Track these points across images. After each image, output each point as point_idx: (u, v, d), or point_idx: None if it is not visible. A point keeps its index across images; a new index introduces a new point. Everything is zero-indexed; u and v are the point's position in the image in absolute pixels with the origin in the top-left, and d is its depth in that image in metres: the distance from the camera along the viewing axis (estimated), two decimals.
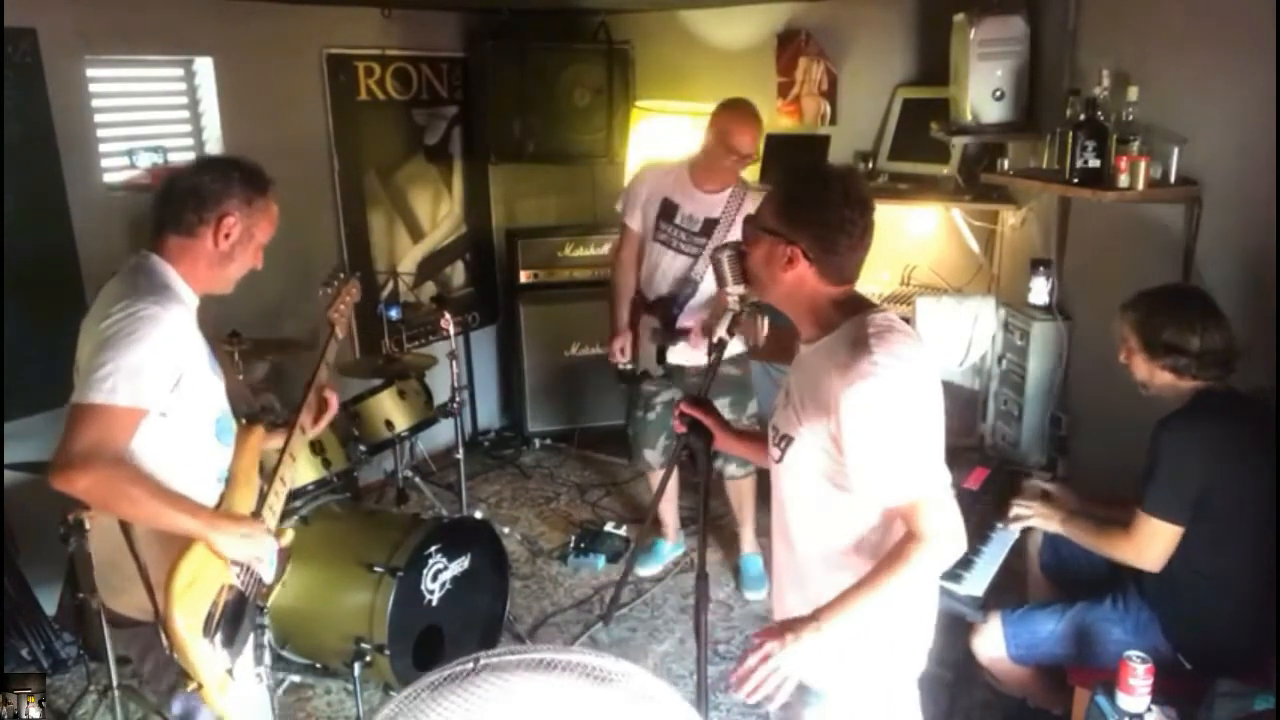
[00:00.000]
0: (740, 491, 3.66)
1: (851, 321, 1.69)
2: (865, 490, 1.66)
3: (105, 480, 1.68)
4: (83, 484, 1.67)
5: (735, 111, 3.31)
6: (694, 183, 3.38)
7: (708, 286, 3.31)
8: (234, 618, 1.90)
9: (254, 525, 1.93)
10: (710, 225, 3.36)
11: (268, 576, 1.99)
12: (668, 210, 3.42)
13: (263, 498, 2.03)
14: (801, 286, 1.71)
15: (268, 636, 2.01)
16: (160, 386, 1.77)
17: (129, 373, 1.71)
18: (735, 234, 3.24)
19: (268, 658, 1.98)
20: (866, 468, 1.63)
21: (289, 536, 2.10)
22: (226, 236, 1.89)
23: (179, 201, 1.89)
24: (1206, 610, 2.31)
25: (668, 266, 3.42)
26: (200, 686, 1.82)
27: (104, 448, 1.68)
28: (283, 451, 2.10)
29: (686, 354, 3.35)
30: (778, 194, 1.77)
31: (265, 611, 2.00)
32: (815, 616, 1.65)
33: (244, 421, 2.11)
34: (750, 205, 3.26)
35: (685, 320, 3.35)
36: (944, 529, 1.63)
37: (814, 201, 1.71)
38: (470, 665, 1.27)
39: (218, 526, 1.84)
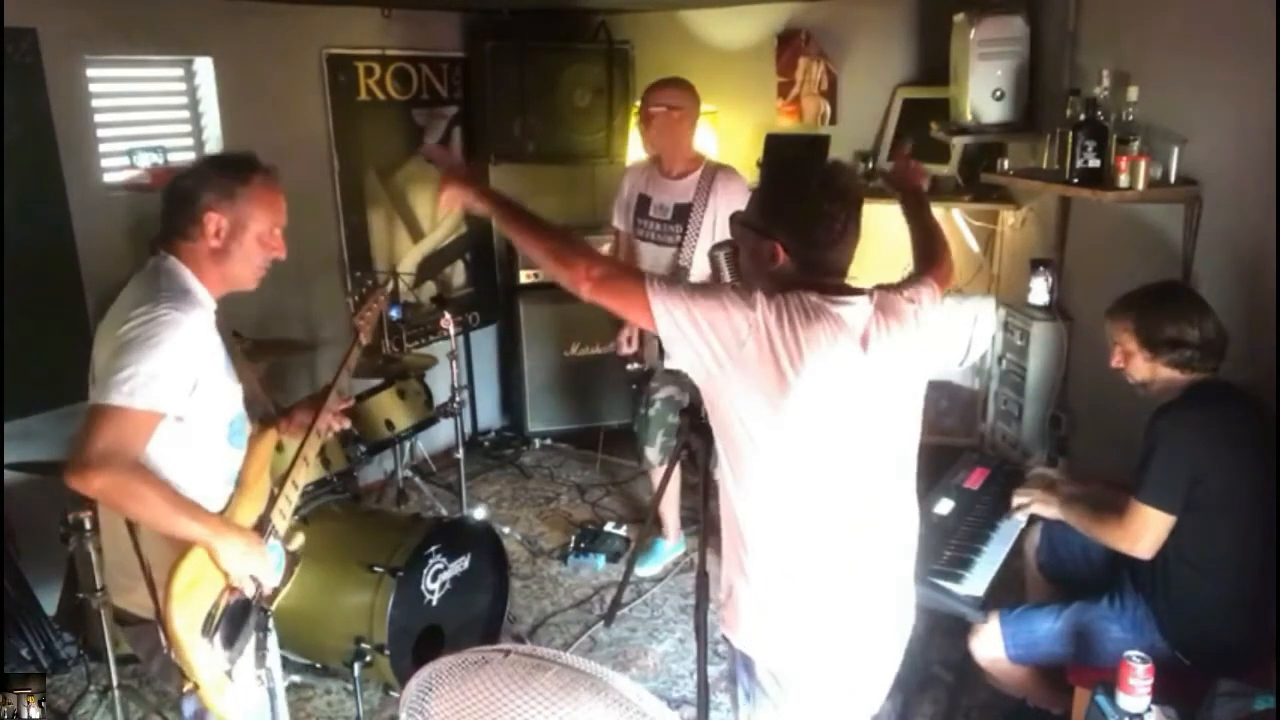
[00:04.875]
0: None
1: None
2: None
3: (120, 482, 1.69)
4: (97, 484, 1.68)
5: (649, 87, 3.51)
6: (661, 172, 3.47)
7: (698, 275, 3.36)
8: (235, 619, 1.89)
9: (258, 543, 1.93)
10: (683, 211, 3.40)
11: (273, 581, 1.99)
12: (643, 205, 3.52)
13: (273, 500, 2.02)
14: (789, 280, 1.69)
15: (271, 639, 2.00)
16: (178, 391, 1.78)
17: (147, 377, 1.72)
18: (711, 215, 3.32)
19: (270, 660, 1.97)
20: None
21: (299, 541, 2.09)
22: (217, 234, 1.88)
23: (172, 208, 1.89)
24: (1197, 601, 2.32)
25: (652, 261, 3.49)
26: (197, 686, 1.82)
27: (121, 450, 1.69)
28: (296, 455, 2.09)
29: None
30: (758, 190, 1.78)
31: (269, 614, 1.98)
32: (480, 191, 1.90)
33: (258, 424, 2.10)
34: (722, 184, 3.33)
35: None
36: None
37: (791, 196, 1.70)
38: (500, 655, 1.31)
39: (223, 536, 1.84)
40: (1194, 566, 2.31)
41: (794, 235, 1.67)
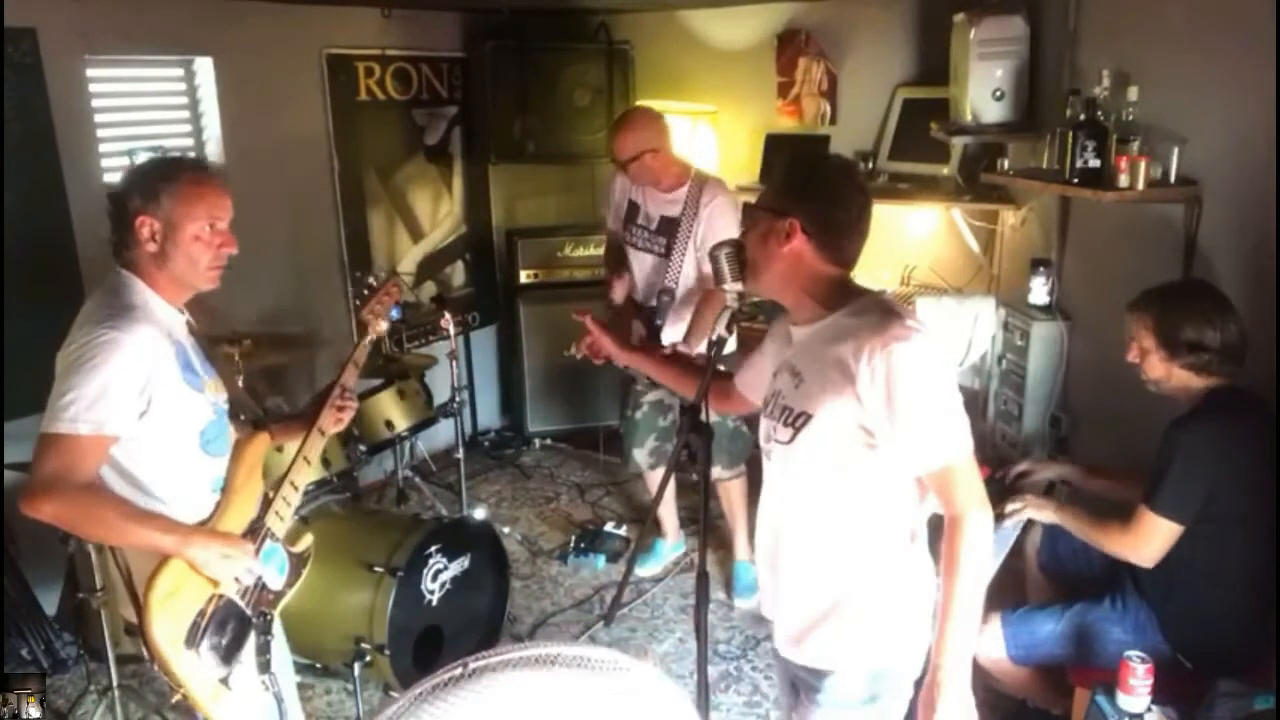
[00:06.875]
0: (730, 495, 3.64)
1: (866, 298, 1.71)
2: (902, 453, 1.63)
3: (70, 507, 1.69)
4: (48, 510, 1.68)
5: (612, 126, 3.51)
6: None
7: (687, 283, 3.40)
8: (225, 626, 1.86)
9: (235, 544, 1.87)
10: (669, 223, 3.40)
11: (274, 584, 1.96)
12: (632, 212, 3.53)
13: (267, 504, 1.99)
14: (799, 264, 1.72)
15: (277, 643, 1.97)
16: (125, 411, 1.75)
17: (90, 401, 1.70)
18: (699, 227, 3.32)
19: (276, 665, 1.95)
20: (911, 427, 1.60)
21: (306, 541, 2.06)
22: (152, 238, 1.84)
23: (111, 221, 1.88)
24: (1202, 606, 2.31)
25: (639, 266, 3.53)
26: (185, 696, 1.79)
27: (68, 476, 1.68)
28: (297, 454, 2.05)
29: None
30: (778, 173, 1.85)
31: (271, 618, 1.96)
32: (934, 677, 1.62)
33: (242, 421, 2.08)
34: (709, 196, 3.34)
35: (668, 328, 3.40)
36: (976, 494, 1.64)
37: (812, 177, 1.76)
38: (460, 670, 1.25)
39: (193, 544, 1.79)
40: (1204, 574, 2.28)
41: (813, 214, 1.69)
